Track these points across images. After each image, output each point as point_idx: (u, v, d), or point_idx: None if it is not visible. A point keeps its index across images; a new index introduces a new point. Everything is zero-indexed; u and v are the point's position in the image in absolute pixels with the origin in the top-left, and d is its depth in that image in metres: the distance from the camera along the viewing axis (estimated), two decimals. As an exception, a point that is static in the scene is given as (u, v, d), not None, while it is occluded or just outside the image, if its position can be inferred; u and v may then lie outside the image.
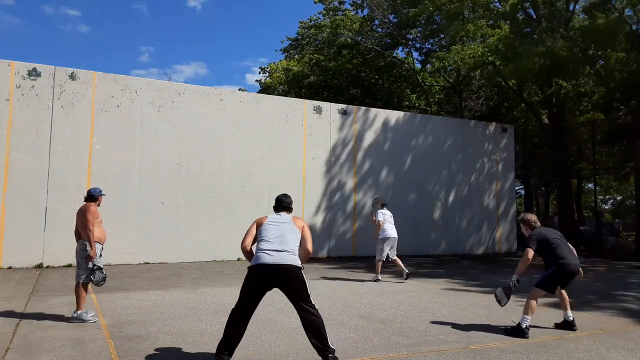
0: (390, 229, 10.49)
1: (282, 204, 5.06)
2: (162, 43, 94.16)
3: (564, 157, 20.96)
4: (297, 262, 4.58)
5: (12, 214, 11.62)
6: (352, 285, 9.64)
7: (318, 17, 28.29)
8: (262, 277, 4.54)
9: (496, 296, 6.45)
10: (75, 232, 6.48)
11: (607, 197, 34.67)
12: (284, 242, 4.62)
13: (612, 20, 16.66)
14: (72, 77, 12.53)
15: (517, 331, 5.81)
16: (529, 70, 17.14)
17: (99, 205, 6.53)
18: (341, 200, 15.78)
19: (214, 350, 4.66)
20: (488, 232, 18.47)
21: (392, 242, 10.48)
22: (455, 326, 6.21)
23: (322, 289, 8.96)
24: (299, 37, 29.93)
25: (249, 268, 4.63)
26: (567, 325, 6.17)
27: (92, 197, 6.51)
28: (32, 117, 12.03)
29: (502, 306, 6.48)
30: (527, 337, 5.71)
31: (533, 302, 5.94)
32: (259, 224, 4.87)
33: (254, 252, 4.71)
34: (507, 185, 19.20)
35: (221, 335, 4.59)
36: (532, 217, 6.42)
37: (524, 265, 5.98)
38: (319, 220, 15.31)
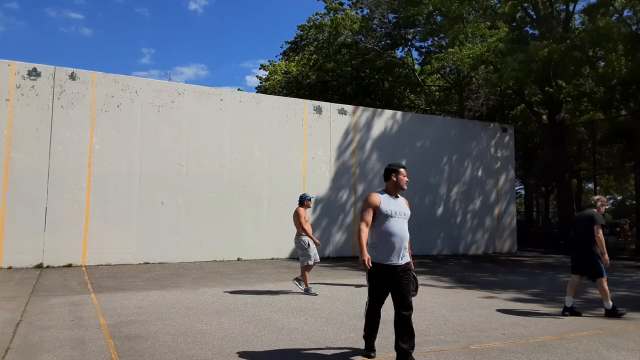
0: None
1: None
2: (163, 45, 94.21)
3: (564, 157, 20.95)
4: None
5: (12, 214, 11.62)
6: (352, 285, 9.64)
7: (317, 18, 28.30)
8: None
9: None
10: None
11: (607, 197, 34.67)
12: None
13: (611, 21, 16.66)
14: (72, 77, 12.53)
15: (612, 312, 6.97)
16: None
17: (308, 207, 8.55)
18: (341, 200, 15.78)
19: (214, 350, 4.72)
20: (488, 232, 18.47)
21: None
22: (455, 326, 6.21)
23: (322, 289, 8.95)
24: (298, 39, 29.92)
25: None
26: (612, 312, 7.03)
27: (301, 201, 8.50)
28: (32, 117, 12.03)
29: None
30: (620, 316, 6.91)
31: (607, 289, 7.02)
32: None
33: None
34: (507, 185, 19.19)
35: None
36: None
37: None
38: (319, 220, 15.30)
